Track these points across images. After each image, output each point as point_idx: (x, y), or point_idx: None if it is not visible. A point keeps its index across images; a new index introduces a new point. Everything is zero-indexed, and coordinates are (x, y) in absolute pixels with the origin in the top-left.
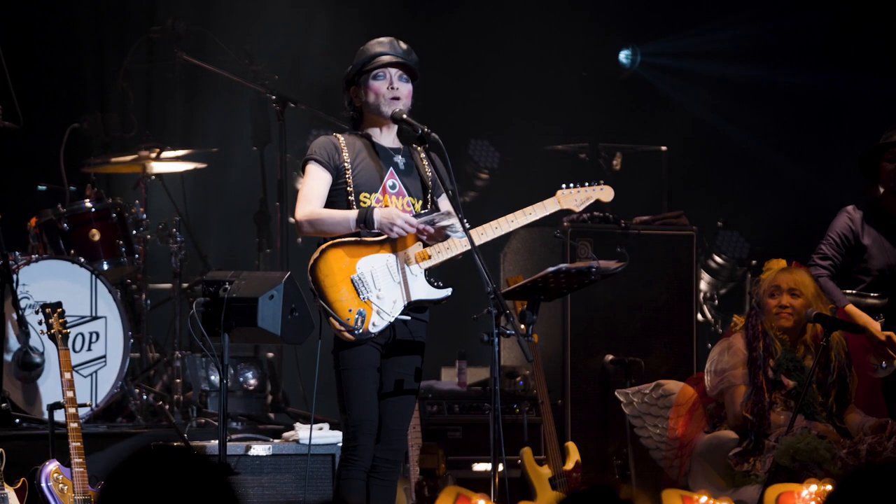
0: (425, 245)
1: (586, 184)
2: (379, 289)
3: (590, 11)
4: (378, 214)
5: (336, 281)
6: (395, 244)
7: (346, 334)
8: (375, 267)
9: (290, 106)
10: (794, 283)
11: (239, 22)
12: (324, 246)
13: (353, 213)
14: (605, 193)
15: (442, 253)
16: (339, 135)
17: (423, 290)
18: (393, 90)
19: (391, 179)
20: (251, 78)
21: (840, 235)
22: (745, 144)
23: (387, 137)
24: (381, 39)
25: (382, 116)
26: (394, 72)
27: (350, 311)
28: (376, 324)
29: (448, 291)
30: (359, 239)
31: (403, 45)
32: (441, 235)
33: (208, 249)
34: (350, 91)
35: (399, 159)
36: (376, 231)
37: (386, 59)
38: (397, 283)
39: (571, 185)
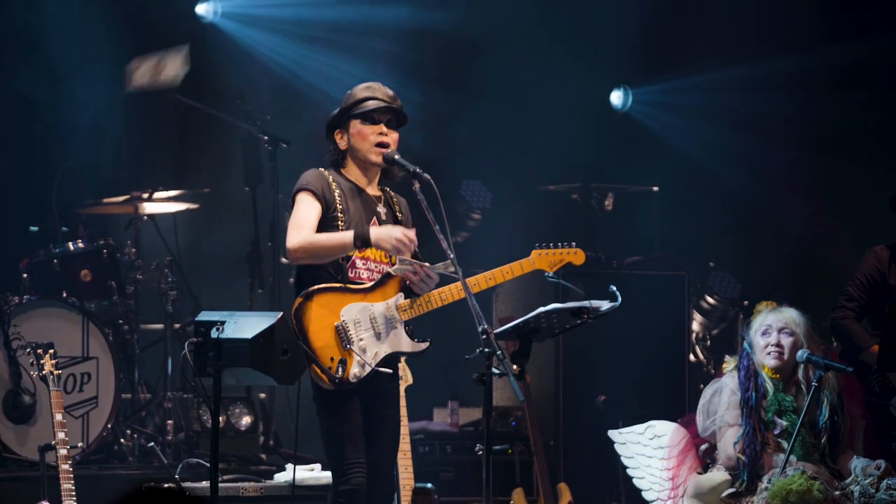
0: (407, 296)
1: (560, 244)
2: (361, 339)
3: (581, 53)
4: (374, 232)
5: (320, 327)
6: (377, 294)
7: (327, 382)
8: (358, 316)
9: (281, 146)
10: (786, 323)
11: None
12: (309, 291)
13: (349, 235)
14: (578, 257)
15: (422, 306)
16: (325, 171)
17: (404, 343)
18: (381, 136)
19: (374, 228)
20: (243, 118)
21: (867, 276)
22: (737, 185)
23: (370, 184)
24: (370, 84)
25: (369, 163)
26: (383, 118)
27: (332, 359)
28: (357, 374)
29: (427, 344)
30: (343, 286)
31: (390, 92)
32: (433, 281)
33: (200, 290)
34: (335, 134)
35: (381, 209)
36: (361, 278)
37: (374, 104)
38: (379, 333)
39: (546, 245)
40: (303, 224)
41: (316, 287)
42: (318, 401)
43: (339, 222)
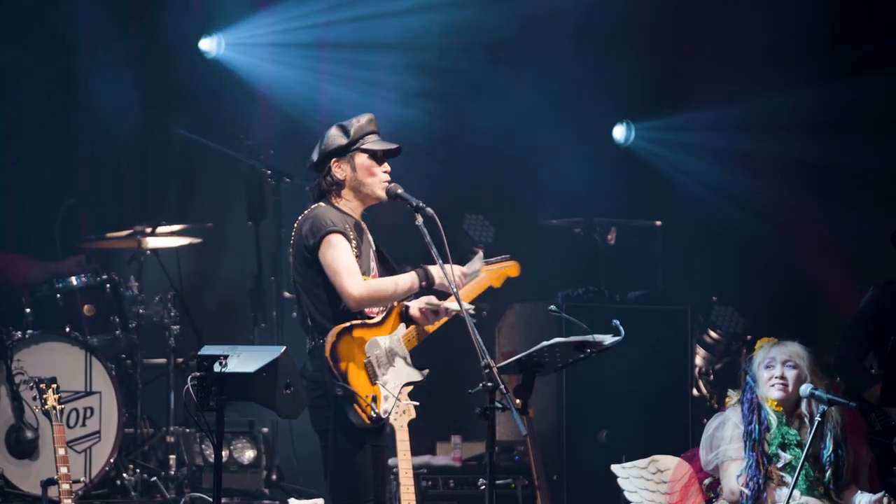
0: (407, 326)
1: (498, 258)
2: (384, 372)
3: (584, 88)
4: (437, 273)
5: (355, 366)
6: (386, 326)
7: (365, 419)
8: (378, 351)
9: (284, 180)
10: (790, 355)
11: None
12: (338, 329)
13: (415, 279)
14: (513, 269)
15: (421, 335)
16: (330, 207)
17: (412, 373)
18: (387, 173)
19: (373, 262)
20: (246, 153)
21: (870, 312)
22: (739, 220)
23: (363, 217)
24: (369, 117)
25: (373, 197)
26: (386, 155)
27: (366, 395)
28: (387, 410)
29: (427, 371)
30: (363, 322)
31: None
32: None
33: (203, 324)
34: (332, 162)
35: (371, 238)
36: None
37: (388, 145)
38: (392, 366)
39: (489, 261)
40: (353, 270)
41: (343, 326)
42: (338, 437)
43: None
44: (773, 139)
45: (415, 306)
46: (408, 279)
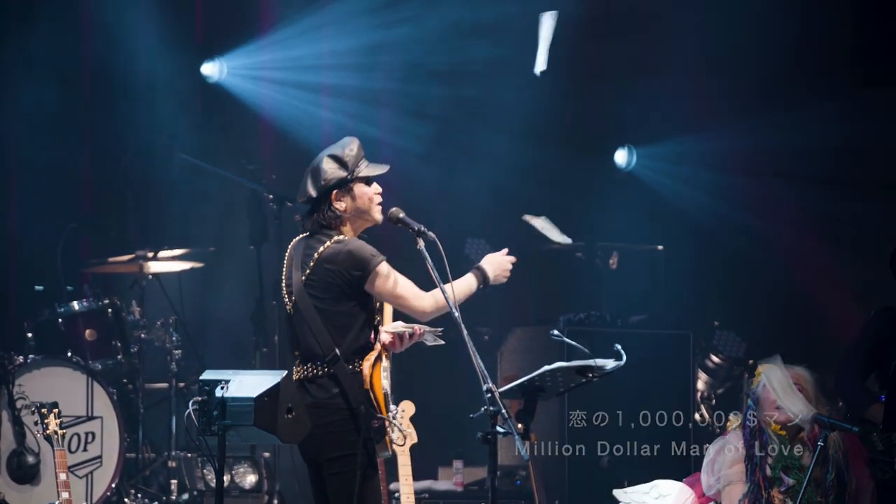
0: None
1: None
2: (390, 401)
3: (585, 112)
4: (490, 270)
5: (381, 396)
6: (386, 357)
7: (390, 449)
8: (386, 380)
9: (286, 205)
10: (797, 379)
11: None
12: (370, 359)
13: (474, 281)
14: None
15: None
16: (353, 238)
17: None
18: (379, 195)
19: (487, 265)
20: (248, 177)
21: (870, 336)
22: (741, 244)
23: None
24: (358, 143)
25: (371, 222)
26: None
27: (397, 426)
28: (398, 437)
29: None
30: (371, 345)
31: None
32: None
33: (205, 349)
34: (332, 195)
35: None
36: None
37: (381, 168)
38: (388, 393)
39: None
40: (414, 288)
41: (373, 355)
42: (367, 466)
43: None
44: (774, 165)
45: (386, 333)
46: (467, 284)
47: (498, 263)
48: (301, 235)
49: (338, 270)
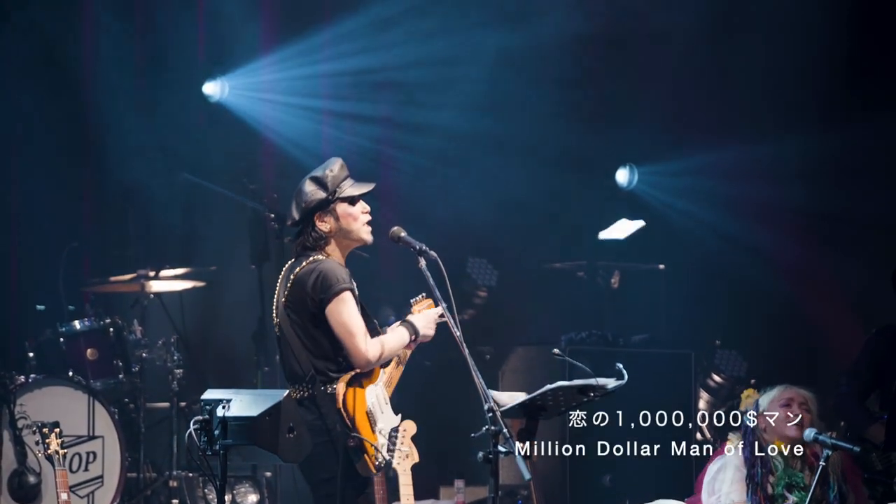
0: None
1: (418, 297)
2: (377, 420)
3: (587, 131)
4: (421, 326)
5: (362, 414)
6: (375, 373)
7: (373, 468)
8: (374, 398)
9: (288, 224)
10: (804, 399)
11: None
12: (346, 379)
13: (406, 333)
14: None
15: (395, 378)
16: (332, 261)
17: (394, 417)
18: (367, 215)
19: (416, 321)
20: (249, 196)
21: (871, 356)
22: (743, 263)
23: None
24: (340, 163)
25: (359, 242)
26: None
27: (372, 444)
28: (386, 456)
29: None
30: (359, 371)
31: None
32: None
33: (206, 367)
34: (315, 217)
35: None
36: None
37: (364, 187)
38: (384, 412)
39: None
40: (364, 330)
41: (350, 375)
42: (346, 487)
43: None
44: (776, 184)
45: (427, 321)
46: (399, 337)
47: (426, 317)
48: (292, 258)
49: (308, 291)
